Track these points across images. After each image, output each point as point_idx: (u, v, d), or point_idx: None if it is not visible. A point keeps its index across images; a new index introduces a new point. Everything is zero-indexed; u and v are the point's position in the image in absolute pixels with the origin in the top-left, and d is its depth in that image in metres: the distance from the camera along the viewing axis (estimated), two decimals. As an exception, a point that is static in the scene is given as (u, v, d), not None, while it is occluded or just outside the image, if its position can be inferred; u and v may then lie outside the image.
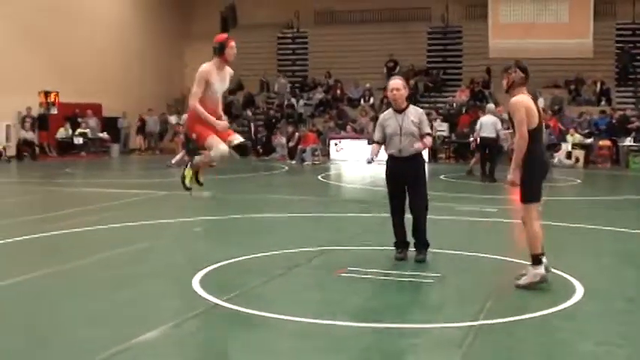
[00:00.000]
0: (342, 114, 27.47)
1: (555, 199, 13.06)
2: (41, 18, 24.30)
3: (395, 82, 7.49)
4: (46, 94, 25.10)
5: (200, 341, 5.16)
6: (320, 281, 6.77)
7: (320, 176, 18.50)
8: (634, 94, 26.51)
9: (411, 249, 7.57)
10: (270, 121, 27.57)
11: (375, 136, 7.66)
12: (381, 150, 7.56)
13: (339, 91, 29.01)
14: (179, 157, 19.96)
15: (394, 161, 7.49)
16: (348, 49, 29.43)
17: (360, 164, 20.38)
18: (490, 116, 16.80)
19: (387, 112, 7.62)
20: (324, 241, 8.58)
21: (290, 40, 31.69)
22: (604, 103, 25.60)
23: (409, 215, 7.50)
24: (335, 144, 24.97)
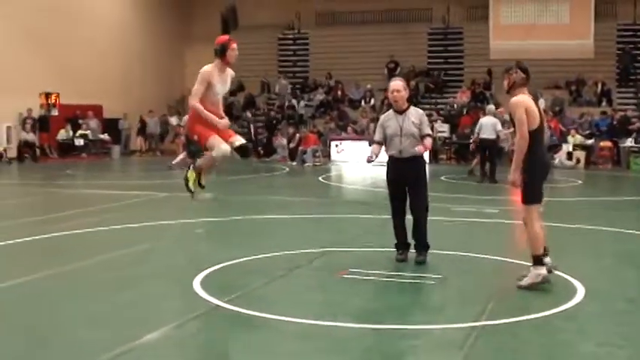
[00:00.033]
0: (343, 115, 27.47)
1: (556, 199, 13.05)
2: (41, 19, 24.32)
3: (395, 84, 7.49)
4: (47, 95, 25.11)
5: (201, 342, 5.16)
6: (321, 282, 6.77)
7: (321, 177, 18.50)
8: (635, 94, 26.50)
9: (412, 250, 7.57)
10: (271, 123, 27.56)
11: (376, 137, 7.66)
12: (382, 151, 7.57)
13: (339, 92, 29.01)
14: (180, 158, 19.99)
15: (395, 162, 7.49)
16: (348, 50, 29.43)
17: (361, 165, 20.42)
18: (490, 117, 16.80)
19: (387, 113, 7.63)
20: (325, 243, 8.58)
21: (291, 41, 31.70)
22: (605, 104, 25.60)
23: (410, 216, 7.50)
24: (336, 145, 24.99)
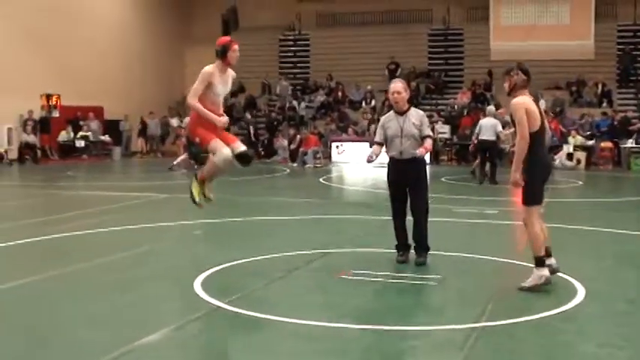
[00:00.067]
0: (344, 116, 27.48)
1: (557, 200, 13.05)
2: (41, 19, 24.35)
3: (396, 85, 7.48)
4: (48, 97, 25.14)
5: (202, 344, 5.16)
6: (321, 283, 6.76)
7: (321, 179, 18.49)
8: (635, 95, 26.52)
9: (412, 252, 7.57)
10: (272, 124, 27.58)
11: (377, 138, 7.66)
12: (382, 152, 7.58)
13: (340, 94, 29.03)
14: (181, 159, 20.03)
15: (395, 164, 7.49)
16: (349, 51, 29.46)
17: (361, 166, 20.43)
18: (490, 119, 16.79)
19: (388, 115, 7.64)
20: (325, 244, 8.58)
21: (291, 43, 31.72)
22: (605, 104, 25.61)
23: (411, 218, 7.50)
24: (336, 146, 25.02)
